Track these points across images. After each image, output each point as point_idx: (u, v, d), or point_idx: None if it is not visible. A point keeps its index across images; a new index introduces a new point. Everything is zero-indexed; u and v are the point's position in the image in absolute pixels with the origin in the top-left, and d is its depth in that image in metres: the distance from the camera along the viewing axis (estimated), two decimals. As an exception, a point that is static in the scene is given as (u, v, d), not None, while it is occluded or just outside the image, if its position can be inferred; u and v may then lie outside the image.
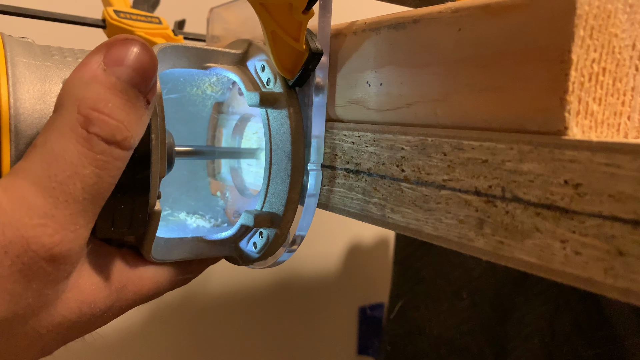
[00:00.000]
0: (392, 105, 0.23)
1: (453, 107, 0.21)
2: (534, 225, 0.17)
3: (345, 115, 0.26)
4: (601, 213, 0.15)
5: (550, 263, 0.16)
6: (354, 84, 0.25)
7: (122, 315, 0.25)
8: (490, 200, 0.18)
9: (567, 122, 0.17)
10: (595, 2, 0.17)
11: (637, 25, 0.18)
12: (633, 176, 0.14)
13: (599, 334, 0.47)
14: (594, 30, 0.17)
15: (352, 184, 0.24)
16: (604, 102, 0.18)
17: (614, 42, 0.18)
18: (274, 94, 0.25)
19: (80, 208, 0.18)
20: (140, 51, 0.19)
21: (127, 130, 0.19)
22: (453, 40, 0.20)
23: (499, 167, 0.18)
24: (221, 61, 0.26)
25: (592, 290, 0.16)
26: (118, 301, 0.23)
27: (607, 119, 0.18)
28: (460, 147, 0.19)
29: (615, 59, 0.18)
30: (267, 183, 0.26)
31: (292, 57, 0.24)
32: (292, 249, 0.26)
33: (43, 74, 0.20)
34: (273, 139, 0.26)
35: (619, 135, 0.19)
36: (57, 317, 0.20)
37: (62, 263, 0.18)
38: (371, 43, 0.24)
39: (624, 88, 0.18)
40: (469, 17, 0.20)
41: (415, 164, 0.21)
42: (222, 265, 0.89)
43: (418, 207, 0.21)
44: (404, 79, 0.22)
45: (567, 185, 0.16)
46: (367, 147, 0.24)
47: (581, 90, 0.17)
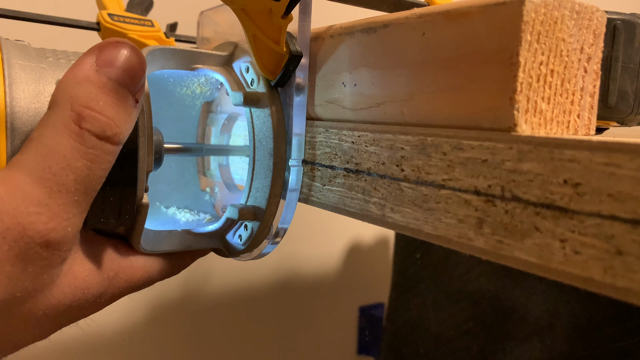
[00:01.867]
0: (364, 105, 0.25)
1: (417, 106, 0.22)
2: (533, 225, 0.17)
3: (324, 114, 0.27)
4: (600, 212, 0.15)
5: (550, 262, 0.16)
6: (331, 85, 0.26)
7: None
8: (490, 200, 0.18)
9: (516, 120, 0.18)
10: (541, 9, 0.18)
11: (584, 30, 0.20)
12: (632, 176, 0.15)
13: (599, 334, 0.47)
14: (541, 35, 0.19)
15: (352, 184, 0.24)
16: (552, 101, 0.19)
17: (561, 46, 0.19)
18: (257, 94, 0.27)
19: (73, 198, 0.20)
20: (129, 53, 0.21)
21: (117, 126, 0.20)
22: (418, 44, 0.22)
23: (498, 167, 0.18)
24: (208, 63, 0.28)
25: (592, 290, 0.16)
26: (110, 288, 0.24)
27: (556, 116, 0.20)
28: (460, 146, 0.19)
29: (563, 61, 0.20)
30: (251, 178, 0.27)
31: (273, 59, 0.25)
32: (276, 241, 0.28)
33: (37, 75, 0.22)
34: (256, 136, 0.27)
35: (569, 132, 0.20)
36: (53, 300, 0.21)
37: (56, 249, 0.20)
38: (346, 46, 0.25)
39: (572, 88, 0.20)
40: (432, 22, 0.21)
41: (415, 163, 0.21)
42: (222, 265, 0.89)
43: (418, 207, 0.21)
44: (375, 80, 0.24)
45: (566, 185, 0.16)
46: (367, 146, 0.24)
47: (529, 90, 0.19)
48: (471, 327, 0.60)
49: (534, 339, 0.52)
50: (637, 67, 0.25)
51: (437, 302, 0.65)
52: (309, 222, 0.89)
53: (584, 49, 0.20)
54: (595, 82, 0.21)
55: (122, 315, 0.74)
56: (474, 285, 0.60)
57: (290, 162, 0.26)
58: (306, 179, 0.27)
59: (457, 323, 0.62)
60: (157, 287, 0.87)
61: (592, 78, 0.21)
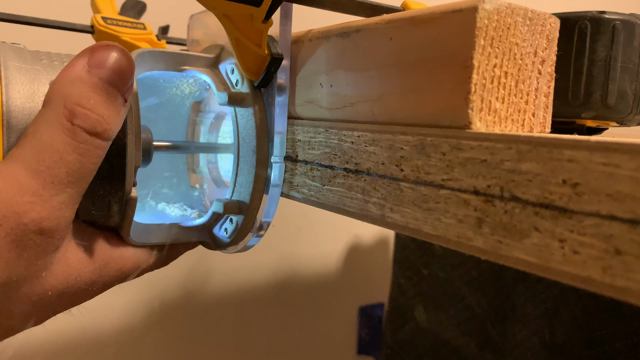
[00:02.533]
0: (339, 105, 0.26)
1: (385, 106, 0.24)
2: (532, 225, 0.17)
3: (304, 113, 0.29)
4: (599, 212, 0.15)
5: (549, 262, 0.16)
6: (310, 85, 0.28)
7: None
8: (489, 200, 0.18)
9: (470, 118, 0.20)
10: (494, 16, 0.20)
11: (537, 35, 0.21)
12: (631, 175, 0.15)
13: (599, 334, 0.47)
14: (494, 40, 0.20)
15: (351, 184, 0.24)
16: (507, 101, 0.21)
17: (515, 50, 0.21)
18: (241, 94, 0.28)
19: (65, 189, 0.21)
20: (119, 56, 0.22)
21: (107, 123, 0.22)
22: (386, 48, 0.23)
23: (497, 167, 0.18)
24: (195, 64, 0.29)
25: (591, 290, 0.16)
26: (101, 277, 0.25)
27: (510, 115, 0.21)
28: (459, 146, 0.19)
29: (517, 64, 0.21)
30: (236, 174, 0.29)
31: (256, 61, 0.27)
32: (260, 234, 0.29)
33: (32, 76, 0.23)
34: (240, 134, 0.28)
35: (524, 129, 0.22)
36: (47, 286, 0.22)
37: (50, 237, 0.21)
38: (323, 49, 0.27)
39: (527, 89, 0.21)
40: (398, 27, 0.23)
41: (415, 163, 0.21)
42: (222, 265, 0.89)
43: (417, 207, 0.21)
44: (349, 81, 0.25)
45: (565, 185, 0.16)
46: (366, 147, 0.24)
47: (483, 90, 0.20)
48: (471, 327, 0.60)
49: (534, 339, 0.52)
50: (636, 67, 0.25)
51: (437, 302, 0.65)
52: (309, 222, 0.89)
53: (538, 52, 0.21)
54: (550, 83, 0.22)
55: (122, 315, 0.74)
56: (474, 285, 0.60)
57: (273, 159, 0.28)
58: (306, 179, 0.28)
59: (457, 323, 0.62)
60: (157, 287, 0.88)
61: (546, 79, 0.22)
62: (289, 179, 0.29)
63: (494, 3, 0.20)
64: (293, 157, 0.28)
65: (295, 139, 0.28)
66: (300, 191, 0.28)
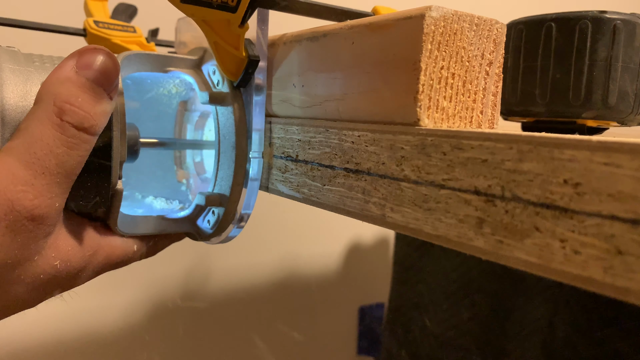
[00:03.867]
0: (310, 103, 0.28)
1: (348, 105, 0.26)
2: (533, 225, 0.17)
3: (279, 112, 0.31)
4: (600, 212, 0.15)
5: (550, 262, 0.16)
6: (284, 86, 0.30)
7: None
8: (490, 200, 0.18)
9: (419, 115, 0.22)
10: (440, 23, 0.21)
11: (484, 39, 0.23)
12: (632, 175, 0.15)
13: (599, 334, 0.47)
14: (441, 44, 0.22)
15: (352, 184, 0.24)
16: (454, 99, 0.22)
17: (462, 53, 0.22)
18: (222, 94, 0.30)
19: (55, 180, 0.23)
20: (105, 58, 0.24)
21: (93, 119, 0.24)
22: (348, 52, 0.25)
23: (498, 167, 0.18)
24: (180, 66, 0.31)
25: (592, 290, 0.16)
26: (90, 264, 0.27)
27: (458, 112, 0.23)
28: (460, 146, 0.19)
29: (464, 66, 0.22)
30: (217, 169, 0.31)
31: (234, 62, 0.28)
32: (241, 225, 0.31)
33: (25, 77, 0.25)
34: (221, 131, 0.30)
35: (472, 126, 0.23)
36: (38, 269, 0.24)
37: (41, 223, 0.23)
38: (295, 52, 0.29)
39: (474, 89, 0.23)
40: (359, 32, 0.25)
41: (415, 163, 0.21)
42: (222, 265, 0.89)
43: (418, 207, 0.21)
44: (318, 82, 0.27)
45: (566, 185, 0.16)
46: (366, 146, 0.24)
47: (431, 90, 0.22)
48: (471, 327, 0.60)
49: (534, 339, 0.52)
50: (637, 67, 0.25)
51: (437, 302, 0.65)
52: (309, 222, 0.89)
53: (485, 55, 0.23)
54: (497, 83, 0.24)
55: (122, 315, 0.74)
56: (474, 285, 0.60)
57: (251, 154, 0.29)
58: (306, 179, 0.28)
59: (457, 323, 0.62)
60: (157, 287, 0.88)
61: (494, 80, 0.24)
62: (289, 179, 0.29)
63: (441, 11, 0.21)
64: (293, 157, 0.28)
65: (295, 138, 0.28)
66: (300, 191, 0.28)
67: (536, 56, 0.25)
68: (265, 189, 0.31)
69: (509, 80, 0.27)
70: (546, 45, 0.25)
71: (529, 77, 0.26)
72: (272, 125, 0.30)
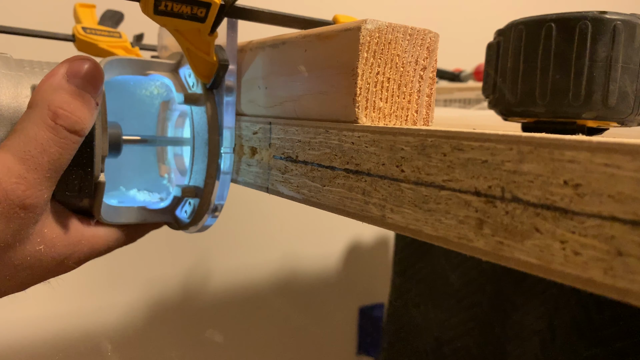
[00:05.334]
0: (272, 104, 0.31)
1: (302, 105, 0.28)
2: (533, 226, 0.17)
3: (247, 111, 0.34)
4: (601, 213, 0.15)
5: (550, 263, 0.16)
6: (251, 87, 0.33)
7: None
8: (490, 201, 0.18)
9: (357, 115, 0.25)
10: (375, 34, 0.24)
11: (418, 47, 0.26)
12: (632, 176, 0.15)
13: (599, 334, 0.47)
14: (376, 52, 0.24)
15: (352, 184, 0.24)
16: (390, 100, 0.25)
17: (396, 60, 0.25)
18: (196, 95, 0.33)
19: (46, 175, 0.26)
20: (91, 67, 0.27)
21: (83, 122, 0.27)
22: (302, 58, 0.28)
23: (498, 168, 0.18)
24: (158, 69, 0.34)
25: (592, 291, 0.16)
26: (76, 252, 0.30)
27: (394, 112, 0.26)
28: (460, 147, 0.19)
29: (399, 71, 0.25)
30: (192, 163, 0.33)
31: (206, 67, 0.31)
32: (215, 215, 0.33)
33: (16, 81, 0.28)
34: (195, 129, 0.33)
35: (408, 123, 0.26)
36: (26, 252, 0.27)
37: (31, 211, 0.26)
38: (260, 57, 0.32)
39: (409, 91, 0.26)
40: (310, 42, 0.27)
41: (415, 164, 0.21)
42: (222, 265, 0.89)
43: (418, 208, 0.21)
44: (278, 85, 0.30)
45: (566, 186, 0.16)
46: (366, 147, 0.24)
47: (368, 93, 0.25)
48: (471, 327, 0.60)
49: (534, 339, 0.52)
50: (637, 67, 0.25)
51: (437, 303, 0.65)
52: (309, 222, 0.89)
53: (419, 61, 0.26)
54: (431, 85, 0.27)
55: (122, 315, 0.74)
56: (473, 286, 0.60)
57: (223, 150, 0.32)
58: (306, 179, 0.28)
59: (457, 323, 0.62)
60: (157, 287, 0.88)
61: (428, 83, 0.26)
62: (289, 180, 0.29)
63: (376, 24, 0.24)
64: (293, 157, 0.28)
65: (295, 139, 0.28)
66: (300, 192, 0.28)
67: (536, 57, 0.25)
68: (266, 190, 0.31)
69: (508, 80, 0.27)
70: (546, 46, 0.25)
71: (529, 77, 0.26)
72: (271, 126, 0.30)
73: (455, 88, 0.74)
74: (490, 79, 0.27)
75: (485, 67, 0.27)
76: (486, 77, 0.27)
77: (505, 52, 0.26)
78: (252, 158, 0.32)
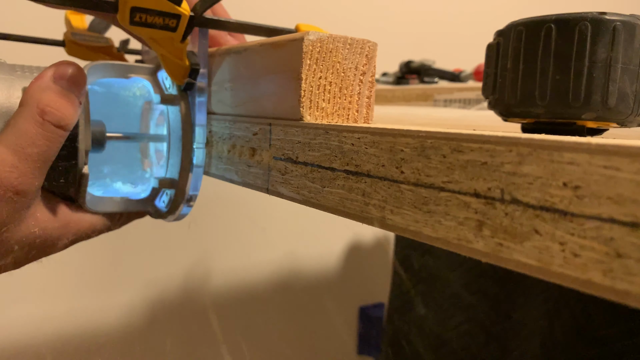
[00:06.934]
0: (237, 103, 0.34)
1: (261, 104, 0.32)
2: (533, 228, 0.17)
3: (217, 110, 0.37)
4: (600, 215, 0.15)
5: (549, 265, 0.16)
6: (220, 89, 0.36)
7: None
8: (490, 202, 0.18)
9: (302, 114, 0.28)
10: (317, 44, 0.28)
11: (357, 55, 0.29)
12: (632, 179, 0.15)
13: (599, 334, 0.47)
14: (318, 60, 0.28)
15: (352, 186, 0.24)
16: (332, 101, 0.29)
17: (337, 66, 0.28)
18: (171, 96, 0.36)
19: (36, 165, 0.29)
20: (75, 71, 0.31)
21: (68, 119, 0.30)
22: (260, 64, 0.32)
23: (497, 169, 0.18)
24: (139, 72, 0.38)
25: (591, 293, 0.16)
26: (65, 234, 0.33)
27: (336, 111, 0.29)
28: (460, 149, 0.19)
29: (339, 76, 0.29)
30: (168, 157, 0.37)
31: (179, 70, 0.34)
32: (190, 204, 0.36)
33: (9, 84, 0.31)
34: (171, 126, 0.37)
35: (349, 121, 0.29)
36: (20, 233, 0.30)
37: (23, 197, 0.29)
38: (226, 62, 0.35)
39: (350, 93, 0.29)
40: (266, 49, 0.31)
41: (415, 165, 0.21)
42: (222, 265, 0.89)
43: (417, 209, 0.21)
44: (242, 86, 0.34)
45: (565, 188, 0.16)
46: (366, 148, 0.24)
47: (311, 95, 0.28)
48: (471, 327, 0.60)
49: (534, 339, 0.52)
50: (636, 68, 0.25)
51: (437, 303, 0.65)
52: (309, 222, 0.89)
53: (359, 67, 0.29)
54: (371, 88, 0.30)
55: (122, 315, 0.74)
56: (474, 286, 0.60)
57: (195, 145, 0.35)
58: (306, 180, 0.28)
59: (457, 323, 0.62)
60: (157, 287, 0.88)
61: (367, 86, 0.30)
62: (289, 181, 0.29)
63: (317, 35, 0.27)
64: (293, 158, 0.28)
65: (295, 140, 0.28)
66: (300, 193, 0.28)
67: (536, 57, 0.25)
68: (266, 191, 0.31)
69: (508, 81, 0.27)
70: (546, 47, 0.25)
71: (529, 78, 0.26)
72: (271, 127, 0.30)
73: (455, 88, 0.74)
74: (490, 79, 0.27)
75: (485, 68, 0.27)
76: (486, 78, 0.27)
77: (505, 52, 0.26)
78: (252, 159, 0.32)
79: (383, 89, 0.81)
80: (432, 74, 0.80)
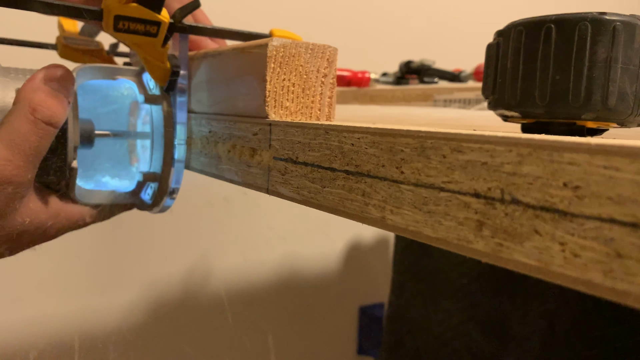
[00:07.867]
0: (213, 103, 0.37)
1: (233, 104, 0.34)
2: (533, 228, 0.17)
3: (196, 109, 0.40)
4: (600, 215, 0.15)
5: (549, 265, 0.16)
6: (198, 89, 0.40)
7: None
8: (490, 203, 0.18)
9: (267, 112, 0.30)
10: (281, 49, 0.30)
11: (319, 59, 0.31)
12: (632, 179, 0.15)
13: (599, 334, 0.47)
14: (282, 64, 0.30)
15: (352, 186, 0.24)
16: (296, 101, 0.31)
17: (300, 69, 0.31)
18: (154, 96, 0.39)
19: (28, 159, 0.31)
20: (64, 73, 0.33)
21: (57, 116, 0.33)
22: (232, 67, 0.34)
23: (498, 170, 0.18)
24: (125, 74, 0.40)
25: (591, 293, 0.16)
26: (56, 223, 0.36)
27: (299, 110, 0.31)
28: (460, 149, 0.19)
29: (302, 78, 0.31)
30: (151, 152, 0.40)
31: (161, 72, 0.37)
32: (173, 197, 0.39)
33: (3, 85, 0.33)
34: (154, 124, 0.40)
35: (312, 119, 0.32)
36: (16, 222, 0.33)
37: (17, 188, 0.31)
38: (204, 65, 0.38)
39: (312, 94, 0.32)
40: (237, 54, 0.34)
41: (415, 166, 0.21)
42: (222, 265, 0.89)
43: (417, 209, 0.21)
44: (217, 87, 0.37)
45: (566, 188, 0.16)
46: (366, 148, 0.24)
47: (276, 95, 0.31)
48: (471, 327, 0.60)
49: (534, 339, 0.52)
50: (636, 68, 0.25)
51: (437, 302, 0.65)
52: (309, 222, 0.89)
53: (320, 70, 0.31)
54: (332, 88, 0.32)
55: (122, 315, 0.74)
56: (473, 285, 0.60)
57: (177, 142, 0.38)
58: (306, 181, 0.28)
59: (457, 323, 0.62)
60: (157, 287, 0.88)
61: (329, 87, 0.32)
62: (289, 181, 0.29)
63: (280, 41, 0.30)
64: (293, 159, 0.28)
65: (295, 140, 0.28)
66: (300, 193, 0.28)
67: (535, 58, 0.25)
68: (266, 191, 0.31)
69: (508, 81, 0.27)
70: (546, 47, 0.25)
71: (529, 78, 0.26)
72: (271, 127, 0.30)
73: (455, 88, 0.74)
74: (490, 79, 0.27)
75: (484, 68, 0.27)
76: (486, 78, 0.27)
77: (505, 53, 0.26)
78: (252, 159, 0.32)
79: (383, 89, 0.81)
80: (432, 74, 0.80)
